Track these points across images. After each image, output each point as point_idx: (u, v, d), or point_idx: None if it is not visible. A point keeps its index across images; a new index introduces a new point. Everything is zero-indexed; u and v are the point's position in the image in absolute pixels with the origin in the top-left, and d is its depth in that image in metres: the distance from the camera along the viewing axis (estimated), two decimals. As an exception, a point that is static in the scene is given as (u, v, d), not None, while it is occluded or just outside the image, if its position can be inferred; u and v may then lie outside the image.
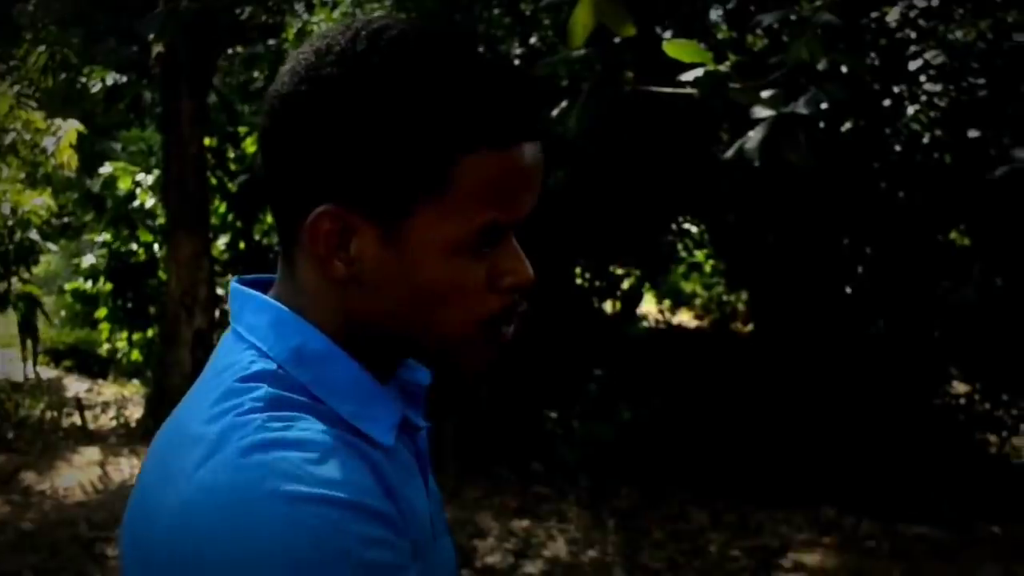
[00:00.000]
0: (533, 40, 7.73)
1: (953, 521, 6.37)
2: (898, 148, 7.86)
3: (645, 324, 11.85)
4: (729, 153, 2.82)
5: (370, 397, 0.83)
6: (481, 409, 7.71)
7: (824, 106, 2.78)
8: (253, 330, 0.83)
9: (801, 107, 2.74)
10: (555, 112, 3.43)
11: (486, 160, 0.78)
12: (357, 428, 0.81)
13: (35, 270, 12.91)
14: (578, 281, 10.08)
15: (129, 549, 0.77)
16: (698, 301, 15.67)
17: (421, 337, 0.83)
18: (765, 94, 2.72)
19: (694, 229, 10.98)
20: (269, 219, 11.68)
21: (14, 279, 12.32)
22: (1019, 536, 6.22)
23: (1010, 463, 8.45)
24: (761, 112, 2.75)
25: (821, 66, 2.82)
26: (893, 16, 7.21)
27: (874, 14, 7.23)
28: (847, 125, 7.62)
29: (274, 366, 0.80)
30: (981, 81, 7.22)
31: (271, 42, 10.62)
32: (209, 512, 0.69)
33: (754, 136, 2.76)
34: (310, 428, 0.75)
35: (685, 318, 14.74)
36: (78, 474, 7.54)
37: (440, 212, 0.78)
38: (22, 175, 11.54)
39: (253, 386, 0.78)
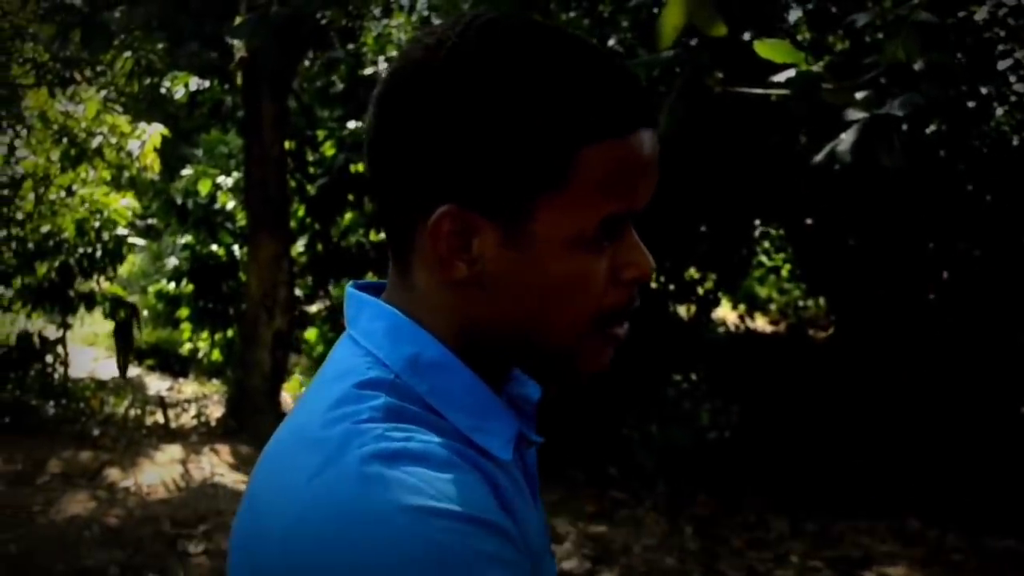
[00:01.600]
0: (612, 42, 7.69)
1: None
2: (986, 150, 7.66)
3: (722, 329, 11.71)
4: (820, 156, 2.76)
5: (487, 409, 0.81)
6: (558, 412, 7.68)
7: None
8: (369, 336, 0.82)
9: (896, 108, 2.67)
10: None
11: (605, 151, 0.76)
12: (474, 441, 0.79)
13: (120, 270, 13.19)
14: (654, 285, 10.01)
15: (238, 553, 0.76)
16: (773, 306, 15.47)
17: (541, 338, 0.81)
18: (859, 95, 2.66)
19: (771, 233, 10.84)
20: (347, 221, 11.80)
21: (101, 278, 12.60)
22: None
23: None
24: (854, 114, 2.69)
25: (917, 66, 2.74)
26: (981, 15, 7.04)
27: (961, 13, 7.07)
28: (932, 127, 7.46)
29: (391, 375, 0.79)
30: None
31: (350, 46, 10.73)
32: (328, 521, 0.67)
33: (846, 138, 2.70)
34: (430, 441, 0.73)
35: (760, 323, 14.55)
36: (161, 471, 7.67)
37: (561, 206, 0.76)
38: (108, 178, 11.81)
39: (371, 394, 0.76)
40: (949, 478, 6.95)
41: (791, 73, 2.48)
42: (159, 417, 10.76)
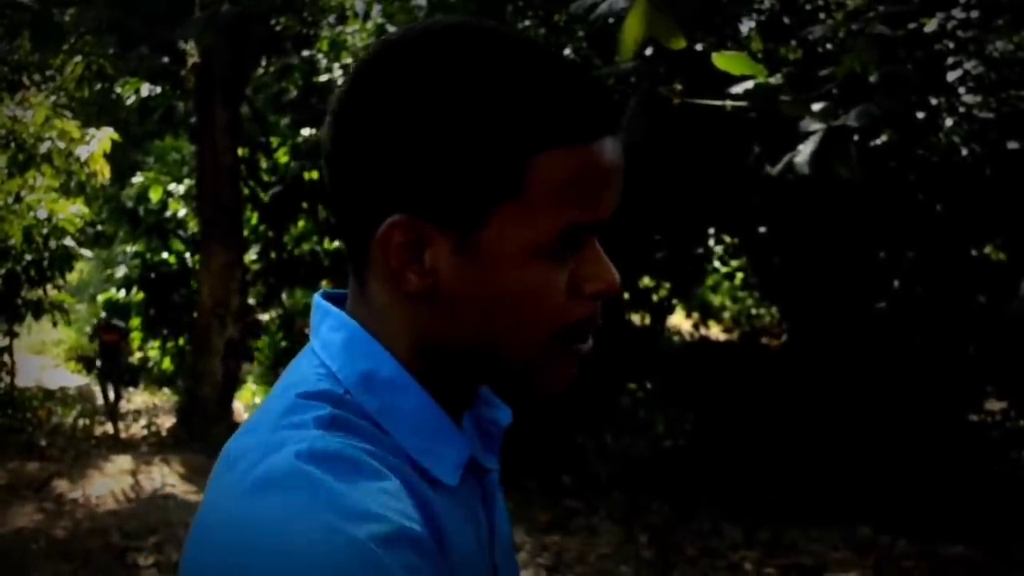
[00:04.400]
0: (567, 51, 7.71)
1: (990, 541, 6.27)
2: (935, 160, 7.78)
3: (676, 338, 11.78)
4: (778, 167, 2.78)
5: (438, 432, 0.79)
6: (512, 423, 7.66)
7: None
8: (327, 348, 0.80)
9: (852, 120, 2.70)
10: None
11: (563, 158, 0.73)
12: (419, 463, 0.77)
13: (69, 278, 12.95)
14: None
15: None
16: (727, 314, 15.60)
17: (498, 352, 0.78)
18: (816, 107, 2.68)
19: (725, 241, 10.92)
20: (300, 228, 11.72)
21: (48, 287, 12.38)
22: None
23: (1047, 482, 8.33)
24: (811, 125, 2.71)
25: (873, 78, 2.77)
26: (931, 27, 7.14)
27: (912, 25, 7.17)
28: (883, 138, 7.56)
29: (341, 390, 0.77)
30: (1021, 93, 7.14)
31: (304, 53, 10.66)
32: (247, 525, 0.66)
33: (804, 149, 2.72)
34: (364, 448, 0.71)
35: (714, 331, 14.66)
36: (110, 482, 7.55)
37: (517, 216, 0.73)
38: (57, 184, 11.61)
39: (317, 404, 0.74)
40: (900, 485, 7.03)
41: (748, 85, 2.49)
42: (109, 428, 10.61)
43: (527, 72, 0.74)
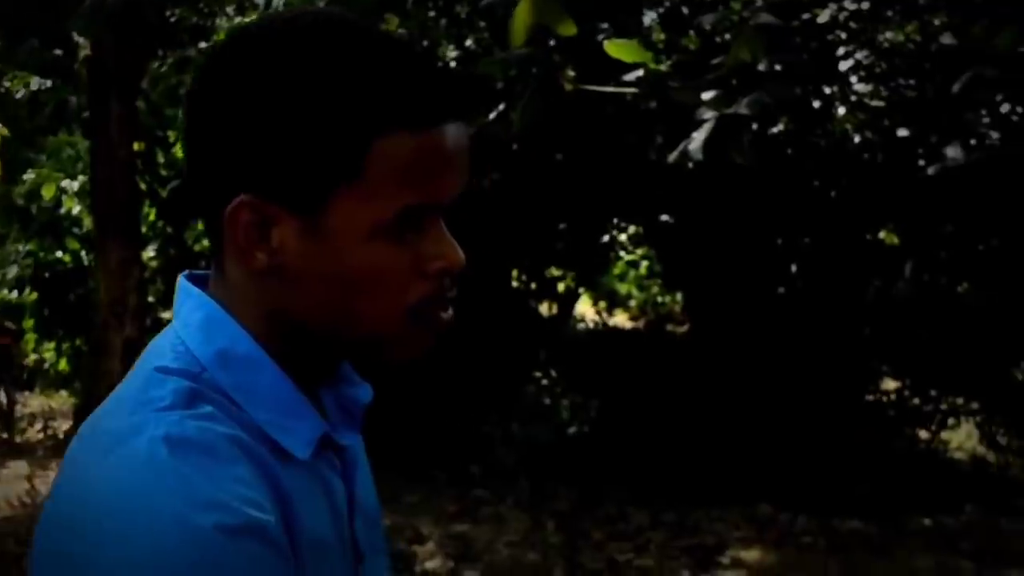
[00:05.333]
0: (469, 43, 7.71)
1: (886, 515, 6.48)
2: (829, 147, 7.97)
3: (582, 326, 11.88)
4: (674, 154, 2.83)
5: (291, 408, 0.81)
6: (418, 414, 7.65)
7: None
8: (187, 326, 0.82)
9: (744, 108, 2.75)
10: (492, 115, 3.40)
11: (402, 142, 0.76)
12: (271, 436, 0.79)
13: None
14: (515, 284, 10.08)
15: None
16: (633, 303, 15.76)
17: (347, 330, 0.81)
18: (707, 95, 2.73)
19: (631, 230, 11.03)
20: (201, 225, 11.52)
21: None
22: (949, 528, 6.35)
23: (939, 457, 8.63)
24: (705, 113, 2.76)
25: (762, 66, 2.83)
26: (823, 18, 7.31)
27: (805, 15, 7.33)
28: (779, 126, 7.72)
29: (198, 368, 0.79)
30: (910, 82, 7.35)
31: (202, 45, 10.45)
32: (102, 501, 0.69)
33: (698, 137, 2.77)
34: (220, 432, 0.74)
35: (621, 319, 14.82)
36: (5, 488, 7.35)
37: (358, 198, 0.77)
38: (-57, 182, 11.23)
39: (175, 379, 0.77)
40: (798, 465, 7.22)
41: (640, 72, 2.52)
42: (3, 433, 10.30)
43: (370, 60, 0.77)
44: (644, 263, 13.29)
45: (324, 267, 0.78)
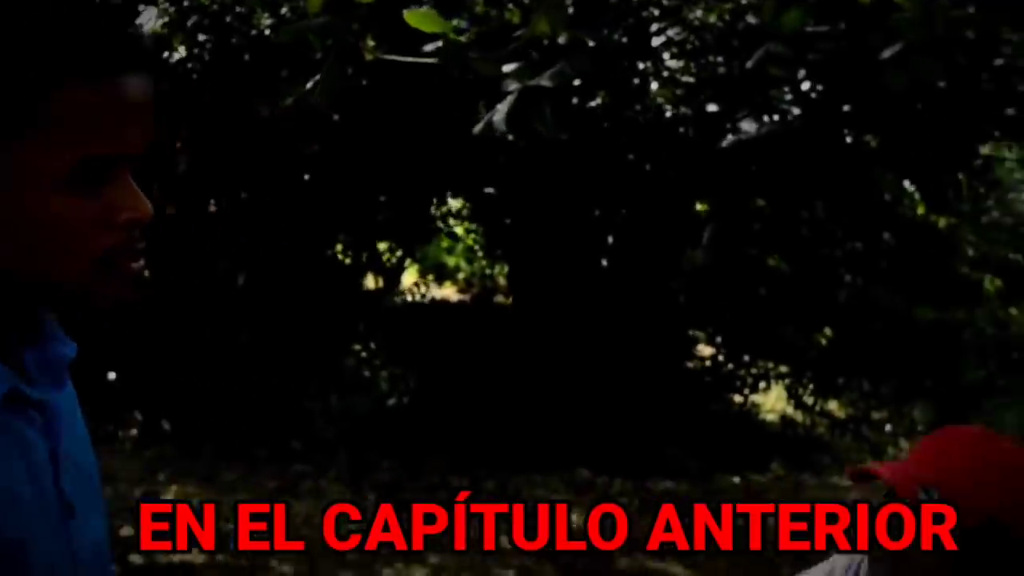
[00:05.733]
0: (284, 11, 7.54)
1: (696, 475, 6.78)
2: (646, 123, 8.17)
3: (402, 298, 11.86)
4: (478, 127, 2.85)
5: None
6: (236, 390, 7.49)
7: (576, 81, 2.86)
8: None
9: (545, 80, 2.80)
10: (309, 84, 3.36)
11: (78, 93, 0.76)
12: None
13: None
14: (341, 256, 9.95)
15: None
16: (461, 275, 15.81)
17: (39, 278, 0.80)
18: (509, 67, 2.76)
19: (457, 203, 11.03)
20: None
21: None
22: (754, 484, 6.71)
23: (751, 419, 9.07)
24: (509, 85, 2.79)
25: (562, 39, 2.89)
26: (638, -5, 7.48)
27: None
28: (598, 100, 7.87)
29: None
30: (719, 59, 7.61)
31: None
32: None
33: (501, 108, 2.80)
34: None
35: (449, 292, 14.85)
36: None
37: (36, 148, 0.76)
38: None
39: None
40: (618, 430, 7.45)
41: (439, 43, 2.54)
42: None
43: (45, 11, 0.76)
44: (470, 236, 13.35)
45: (9, 219, 0.77)
